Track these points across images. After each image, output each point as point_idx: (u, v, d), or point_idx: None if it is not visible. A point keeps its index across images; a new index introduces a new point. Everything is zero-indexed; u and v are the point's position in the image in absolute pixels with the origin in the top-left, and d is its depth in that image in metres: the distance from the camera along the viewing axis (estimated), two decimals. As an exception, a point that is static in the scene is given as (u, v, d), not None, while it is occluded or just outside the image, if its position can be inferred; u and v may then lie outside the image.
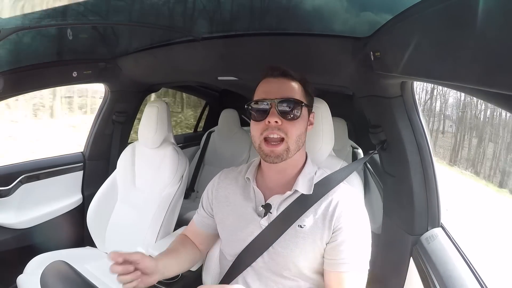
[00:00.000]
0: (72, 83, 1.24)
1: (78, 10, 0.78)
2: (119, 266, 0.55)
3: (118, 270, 0.55)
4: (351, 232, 0.60)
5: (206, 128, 2.66)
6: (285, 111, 0.62)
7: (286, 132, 0.61)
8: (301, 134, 0.65)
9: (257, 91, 0.68)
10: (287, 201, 0.66)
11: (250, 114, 0.65)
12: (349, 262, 0.58)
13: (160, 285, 0.93)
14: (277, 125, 0.61)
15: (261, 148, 0.63)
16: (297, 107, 0.63)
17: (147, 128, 1.24)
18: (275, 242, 0.63)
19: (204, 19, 0.89)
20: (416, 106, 0.86)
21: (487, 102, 0.47)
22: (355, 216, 0.63)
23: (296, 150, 0.64)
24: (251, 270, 0.67)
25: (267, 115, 0.62)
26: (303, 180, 0.66)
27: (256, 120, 0.64)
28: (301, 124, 0.64)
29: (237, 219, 0.69)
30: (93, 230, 1.27)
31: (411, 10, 0.57)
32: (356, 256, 0.59)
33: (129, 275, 0.56)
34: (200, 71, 1.31)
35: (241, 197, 0.71)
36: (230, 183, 0.75)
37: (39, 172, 1.31)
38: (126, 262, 0.56)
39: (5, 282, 1.14)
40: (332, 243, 0.61)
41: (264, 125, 0.62)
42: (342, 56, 0.90)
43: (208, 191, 0.78)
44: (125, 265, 0.56)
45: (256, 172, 0.73)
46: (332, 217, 0.61)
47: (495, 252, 1.44)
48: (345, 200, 0.64)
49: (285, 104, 0.62)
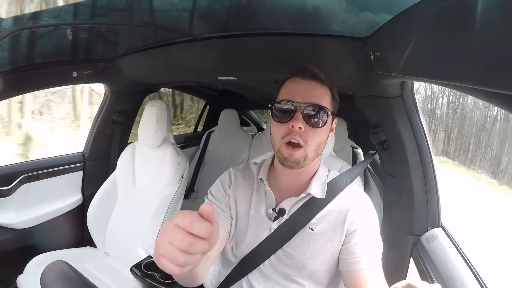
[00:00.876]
0: (72, 83, 1.24)
1: (78, 10, 0.78)
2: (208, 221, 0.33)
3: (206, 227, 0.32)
4: (364, 232, 0.61)
5: (206, 128, 2.67)
6: (310, 118, 0.59)
7: (306, 140, 0.59)
8: (321, 143, 0.63)
9: (283, 90, 0.64)
10: (298, 204, 0.65)
11: (273, 114, 0.63)
12: (364, 259, 0.59)
13: (160, 285, 0.93)
14: (300, 131, 0.59)
15: (281, 151, 0.61)
16: (323, 115, 0.60)
17: (147, 128, 1.24)
18: (285, 245, 0.63)
19: (204, 19, 0.89)
20: (416, 106, 0.86)
21: (487, 102, 0.47)
22: (368, 218, 0.63)
23: (314, 158, 0.63)
24: (257, 272, 0.66)
25: (291, 118, 0.59)
26: (317, 183, 0.65)
27: (279, 122, 0.62)
28: (324, 133, 0.62)
29: (247, 221, 0.68)
30: (93, 230, 1.27)
31: (411, 10, 0.57)
32: (371, 253, 0.60)
33: (203, 242, 0.32)
34: (200, 71, 1.31)
35: (254, 198, 0.69)
36: (245, 183, 0.72)
37: (39, 172, 1.31)
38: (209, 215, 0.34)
39: (5, 282, 1.14)
40: (347, 244, 0.61)
41: (287, 129, 0.60)
42: (342, 56, 0.90)
43: (224, 186, 0.72)
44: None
45: (268, 173, 0.71)
46: (344, 221, 0.61)
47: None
48: (356, 205, 0.64)
49: (312, 110, 0.59)
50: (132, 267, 1.00)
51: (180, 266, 0.31)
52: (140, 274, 0.97)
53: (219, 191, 0.72)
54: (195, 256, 0.32)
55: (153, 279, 0.95)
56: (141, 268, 1.00)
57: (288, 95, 0.62)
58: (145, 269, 1.00)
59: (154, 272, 0.98)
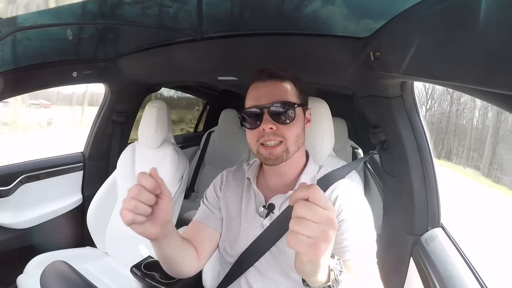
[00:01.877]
0: (72, 83, 1.24)
1: (78, 10, 0.78)
2: (145, 188, 0.45)
3: (141, 191, 0.44)
4: (352, 221, 0.59)
5: (206, 128, 2.67)
6: (278, 116, 0.60)
7: (283, 135, 0.61)
8: (299, 135, 0.64)
9: (247, 98, 0.66)
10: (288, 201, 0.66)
11: (243, 123, 0.64)
12: (352, 249, 0.56)
13: (159, 285, 0.93)
14: (273, 131, 0.60)
15: (260, 152, 0.63)
16: (291, 109, 0.61)
17: (147, 128, 1.24)
18: (278, 241, 0.63)
19: (204, 19, 0.89)
20: (416, 106, 0.86)
21: (487, 102, 0.47)
22: (355, 205, 0.62)
23: (296, 150, 0.64)
24: (254, 270, 0.66)
25: (260, 122, 0.61)
26: (306, 178, 0.66)
27: (250, 128, 0.63)
28: (298, 125, 0.63)
29: (240, 220, 0.69)
30: (93, 230, 1.27)
31: (411, 10, 0.57)
32: (358, 244, 0.57)
33: (146, 207, 0.45)
34: (200, 71, 1.31)
35: (244, 198, 0.71)
36: (235, 184, 0.74)
37: (39, 172, 1.31)
38: (153, 189, 0.45)
39: (5, 282, 1.14)
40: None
41: (259, 132, 0.61)
42: (342, 56, 0.90)
43: (216, 188, 0.76)
44: (150, 193, 0.45)
45: (257, 172, 0.72)
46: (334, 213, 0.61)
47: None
48: (344, 193, 0.63)
49: (277, 108, 0.60)
50: (132, 267, 1.01)
51: (129, 220, 0.44)
52: (140, 274, 0.97)
53: (211, 193, 0.76)
54: (140, 217, 0.45)
55: (153, 279, 0.95)
56: (141, 268, 1.00)
57: (252, 101, 0.63)
58: (145, 269, 1.00)
59: (154, 272, 0.98)
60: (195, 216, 0.78)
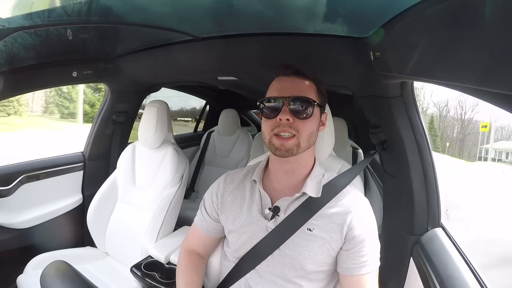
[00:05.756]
0: (72, 83, 1.24)
1: (78, 10, 0.78)
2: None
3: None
4: (365, 237, 0.61)
5: (206, 128, 2.67)
6: (297, 110, 0.61)
7: (298, 129, 0.61)
8: (313, 133, 0.64)
9: (270, 89, 0.67)
10: (295, 204, 0.65)
11: (262, 111, 0.65)
12: (368, 264, 0.60)
13: (159, 285, 0.93)
14: (289, 123, 0.61)
15: (272, 142, 0.62)
16: (309, 106, 0.62)
17: (147, 128, 1.24)
18: (282, 245, 0.63)
19: (204, 19, 0.89)
20: (416, 106, 0.87)
21: (487, 102, 0.46)
22: (368, 224, 0.64)
23: (307, 147, 0.64)
24: (255, 273, 0.66)
25: (278, 112, 0.61)
26: (312, 182, 0.65)
27: (267, 118, 0.64)
28: (313, 123, 0.64)
29: (243, 222, 0.68)
30: (93, 230, 1.27)
31: (411, 10, 0.57)
32: (372, 257, 0.61)
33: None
34: (200, 71, 1.31)
35: (248, 200, 0.70)
36: (236, 188, 0.73)
37: (39, 172, 1.31)
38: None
39: (5, 282, 1.14)
40: (348, 250, 0.61)
41: (275, 122, 0.62)
42: (342, 56, 0.90)
43: (212, 195, 0.76)
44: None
45: (262, 174, 0.71)
46: (343, 224, 0.62)
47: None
48: (357, 210, 0.64)
49: (297, 103, 0.61)
50: (132, 267, 1.01)
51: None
52: (140, 274, 0.98)
53: (209, 198, 0.76)
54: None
55: (153, 279, 0.95)
56: (141, 268, 1.00)
57: (274, 92, 0.65)
58: (145, 269, 1.00)
59: (154, 272, 0.98)
60: (195, 220, 0.79)
